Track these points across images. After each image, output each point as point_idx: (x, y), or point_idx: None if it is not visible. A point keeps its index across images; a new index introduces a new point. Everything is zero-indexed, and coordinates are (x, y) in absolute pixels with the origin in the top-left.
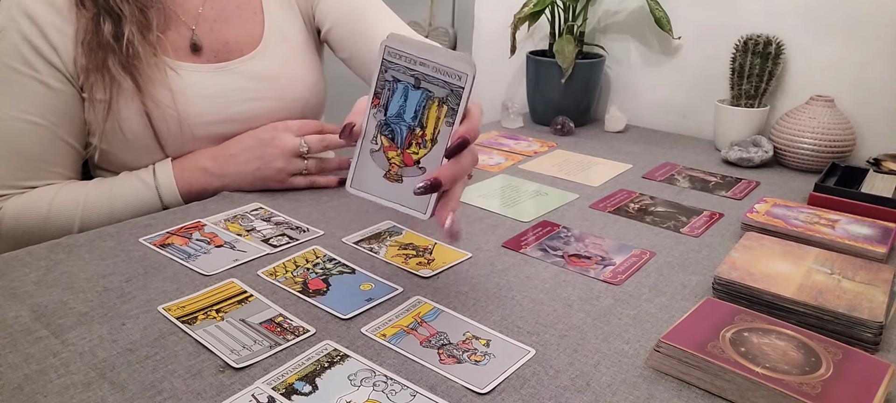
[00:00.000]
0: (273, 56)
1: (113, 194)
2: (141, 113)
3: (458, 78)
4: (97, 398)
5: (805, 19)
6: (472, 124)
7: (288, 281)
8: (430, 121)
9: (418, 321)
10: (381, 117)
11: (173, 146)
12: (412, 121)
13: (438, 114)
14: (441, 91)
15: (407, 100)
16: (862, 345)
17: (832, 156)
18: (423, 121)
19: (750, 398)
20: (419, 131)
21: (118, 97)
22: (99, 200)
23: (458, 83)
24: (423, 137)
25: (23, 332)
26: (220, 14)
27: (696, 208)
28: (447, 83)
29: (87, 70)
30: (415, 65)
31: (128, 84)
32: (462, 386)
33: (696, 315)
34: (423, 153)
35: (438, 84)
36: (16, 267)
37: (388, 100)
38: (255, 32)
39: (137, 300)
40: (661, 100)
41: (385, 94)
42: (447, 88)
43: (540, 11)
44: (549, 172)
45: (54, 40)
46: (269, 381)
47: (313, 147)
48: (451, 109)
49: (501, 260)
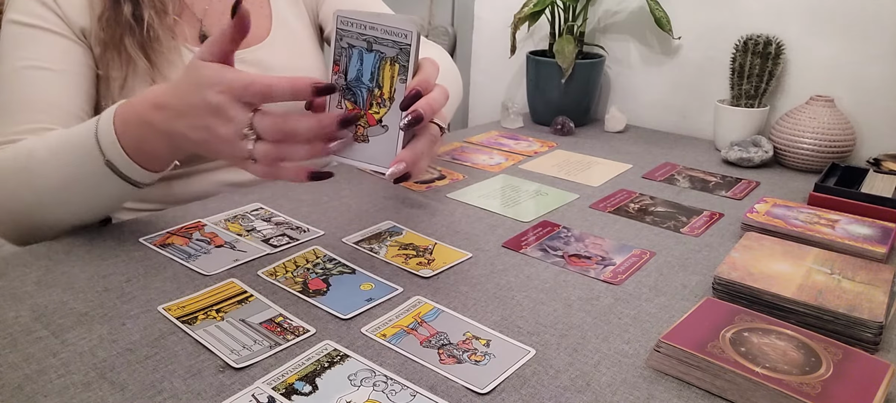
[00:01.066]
0: (280, 48)
1: (59, 142)
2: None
3: (403, 36)
4: (97, 398)
5: (805, 19)
6: (422, 76)
7: (288, 281)
8: (386, 80)
9: (418, 321)
10: (342, 83)
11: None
12: (370, 83)
13: (392, 72)
14: (391, 50)
15: (363, 64)
16: (862, 345)
17: (832, 156)
18: (379, 82)
19: (750, 398)
20: (377, 91)
21: (133, 76)
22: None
23: (405, 41)
24: (381, 97)
25: (23, 332)
26: (227, 7)
27: (696, 208)
28: (396, 42)
29: (104, 44)
30: (365, 30)
31: (143, 64)
32: (462, 386)
33: (696, 315)
34: (383, 112)
35: (388, 45)
36: (16, 267)
37: (347, 66)
38: (262, 26)
39: (137, 300)
40: (661, 100)
41: (343, 61)
42: (397, 47)
43: (540, 11)
44: (550, 172)
45: (61, 1)
46: (269, 381)
47: (265, 133)
48: (403, 67)
49: (501, 261)
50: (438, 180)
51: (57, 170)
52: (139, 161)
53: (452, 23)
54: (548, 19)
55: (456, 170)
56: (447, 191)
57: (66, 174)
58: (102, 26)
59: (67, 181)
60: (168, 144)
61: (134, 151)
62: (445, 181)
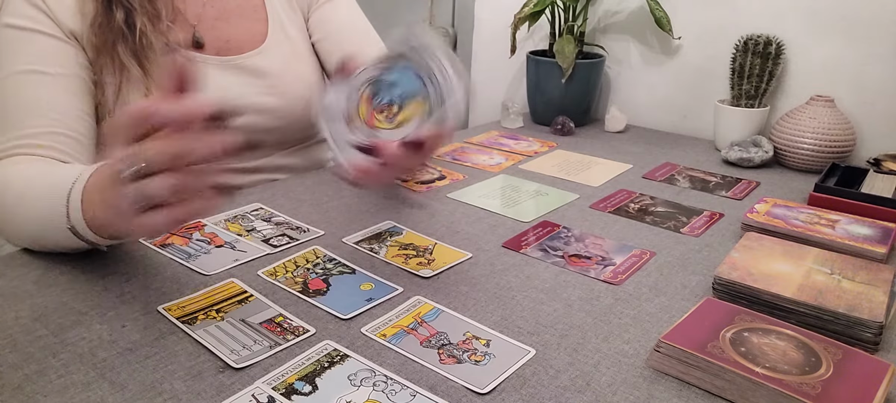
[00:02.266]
0: (276, 54)
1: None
2: (142, 97)
3: (451, 95)
4: (97, 398)
5: (805, 19)
6: (436, 135)
7: (288, 281)
8: (408, 110)
9: (418, 321)
10: (377, 75)
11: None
12: (396, 99)
13: (418, 111)
14: (433, 94)
15: (406, 81)
16: (862, 345)
17: (832, 156)
18: (403, 105)
19: (750, 398)
20: (395, 109)
21: (127, 83)
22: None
23: (450, 100)
24: (393, 116)
25: (23, 332)
26: (221, 13)
27: (696, 208)
28: (442, 94)
29: (96, 50)
30: (431, 59)
31: (136, 71)
32: (462, 386)
33: (696, 315)
34: (383, 127)
35: (436, 87)
36: (16, 267)
37: (392, 67)
38: (258, 30)
39: (137, 300)
40: (661, 100)
41: (394, 61)
42: (439, 97)
43: (540, 11)
44: (550, 172)
45: (50, 3)
46: (269, 381)
47: (150, 158)
48: (428, 115)
49: (502, 261)
50: (439, 180)
51: (26, 215)
52: (101, 235)
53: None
54: (548, 19)
55: (456, 170)
56: (447, 191)
57: (35, 226)
58: (95, 32)
59: (35, 231)
60: (110, 219)
61: (90, 221)
62: (446, 181)
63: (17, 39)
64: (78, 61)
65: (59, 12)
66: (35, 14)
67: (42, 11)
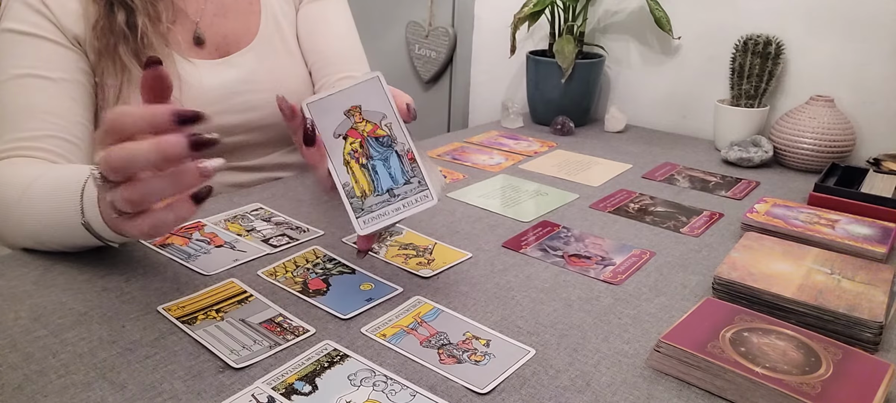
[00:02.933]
0: (268, 48)
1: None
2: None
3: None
4: (97, 398)
5: (805, 19)
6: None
7: (288, 281)
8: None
9: (418, 321)
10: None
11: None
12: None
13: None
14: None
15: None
16: (862, 345)
17: (832, 156)
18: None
19: (750, 398)
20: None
21: (128, 85)
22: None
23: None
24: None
25: (22, 332)
26: (219, 8)
27: (696, 208)
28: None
29: (98, 53)
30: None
31: (137, 71)
32: (462, 386)
33: (696, 315)
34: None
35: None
36: (15, 267)
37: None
38: (252, 25)
39: (137, 300)
40: (660, 100)
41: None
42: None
43: (540, 11)
44: (549, 172)
45: (52, 5)
46: (269, 381)
47: (108, 170)
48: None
49: (501, 260)
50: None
51: (44, 212)
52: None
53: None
54: (548, 19)
55: (456, 170)
56: (447, 191)
57: (40, 222)
58: (97, 35)
59: (48, 225)
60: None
61: (108, 218)
62: (447, 181)
63: (19, 43)
64: (79, 66)
65: (62, 18)
66: (37, 19)
67: (45, 17)
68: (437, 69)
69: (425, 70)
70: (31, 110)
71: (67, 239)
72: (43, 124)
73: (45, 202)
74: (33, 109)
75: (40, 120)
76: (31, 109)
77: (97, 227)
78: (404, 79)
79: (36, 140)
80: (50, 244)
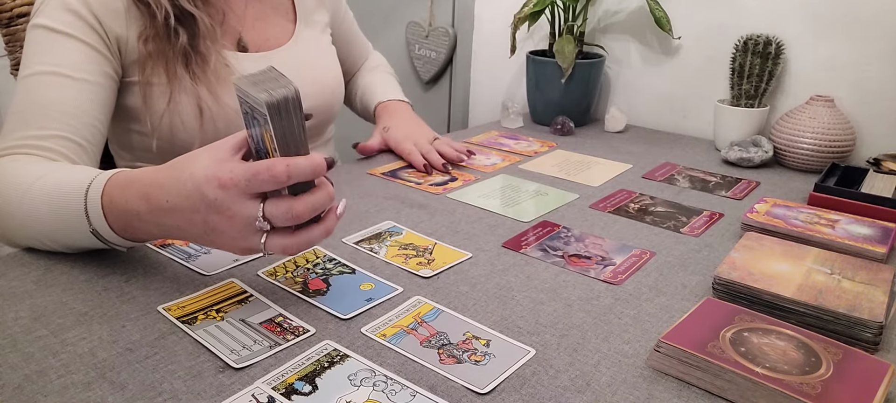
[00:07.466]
0: (305, 45)
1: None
2: (195, 105)
3: (262, 107)
4: (97, 398)
5: (805, 19)
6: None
7: (288, 281)
8: (268, 145)
9: (418, 321)
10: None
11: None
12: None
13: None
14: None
15: (254, 132)
16: (862, 345)
17: (832, 156)
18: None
19: (750, 398)
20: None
21: (179, 91)
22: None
23: (263, 111)
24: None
25: (23, 332)
26: (259, 14)
27: (696, 208)
28: (261, 113)
29: (148, 55)
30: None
31: (188, 82)
32: (462, 386)
33: (696, 315)
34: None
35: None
36: (15, 267)
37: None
38: (286, 28)
39: (137, 300)
40: (661, 100)
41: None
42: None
43: (540, 11)
44: (549, 172)
45: (95, 7)
46: (269, 381)
47: (277, 220)
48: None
49: (501, 260)
50: (451, 182)
51: (47, 215)
52: (126, 236)
53: (452, 23)
54: (548, 19)
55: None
56: (447, 191)
57: (54, 223)
58: (149, 48)
59: (55, 228)
60: (158, 232)
61: (120, 229)
62: (458, 182)
63: (47, 40)
64: (103, 70)
65: (105, 18)
66: (71, 19)
67: (80, 18)
68: (437, 69)
69: (425, 70)
70: (46, 108)
71: (73, 243)
72: (54, 123)
73: (47, 205)
74: (48, 108)
75: (52, 119)
76: (45, 107)
77: (105, 235)
78: (404, 80)
79: (43, 139)
80: (52, 246)
